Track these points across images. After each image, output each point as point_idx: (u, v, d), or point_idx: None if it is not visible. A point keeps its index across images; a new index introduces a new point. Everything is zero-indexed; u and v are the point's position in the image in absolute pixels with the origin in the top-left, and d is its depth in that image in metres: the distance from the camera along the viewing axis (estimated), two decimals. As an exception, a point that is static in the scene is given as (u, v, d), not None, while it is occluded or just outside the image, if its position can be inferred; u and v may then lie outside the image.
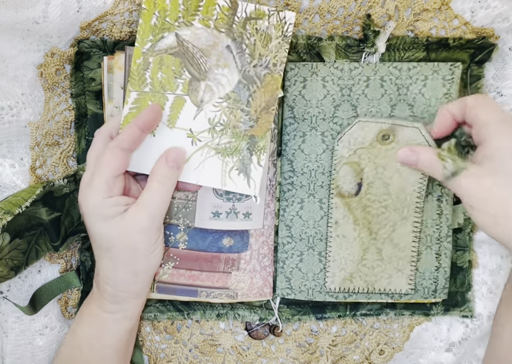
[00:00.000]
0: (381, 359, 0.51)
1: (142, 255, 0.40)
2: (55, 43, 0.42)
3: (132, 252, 0.39)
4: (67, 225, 0.44)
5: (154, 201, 0.39)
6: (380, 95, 0.45)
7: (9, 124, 0.42)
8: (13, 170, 0.43)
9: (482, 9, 0.42)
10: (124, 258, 0.39)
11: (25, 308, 0.43)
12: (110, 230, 0.39)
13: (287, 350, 0.51)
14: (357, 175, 0.45)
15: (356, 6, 0.42)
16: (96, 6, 0.40)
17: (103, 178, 0.38)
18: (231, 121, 0.42)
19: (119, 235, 0.38)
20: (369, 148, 0.45)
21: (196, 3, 0.39)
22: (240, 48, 0.41)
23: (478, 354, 0.50)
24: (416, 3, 0.42)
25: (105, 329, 0.42)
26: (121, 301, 0.41)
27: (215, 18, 0.40)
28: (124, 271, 0.40)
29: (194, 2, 0.39)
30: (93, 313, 0.42)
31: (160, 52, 0.40)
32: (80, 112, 0.46)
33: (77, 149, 0.46)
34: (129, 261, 0.40)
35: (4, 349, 0.45)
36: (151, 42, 0.40)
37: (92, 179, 0.38)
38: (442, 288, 0.47)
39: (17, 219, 0.39)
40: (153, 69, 0.40)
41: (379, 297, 0.48)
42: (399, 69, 0.44)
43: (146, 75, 0.40)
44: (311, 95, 0.45)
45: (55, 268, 0.46)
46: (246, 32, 0.40)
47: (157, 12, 0.39)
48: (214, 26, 0.40)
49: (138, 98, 0.40)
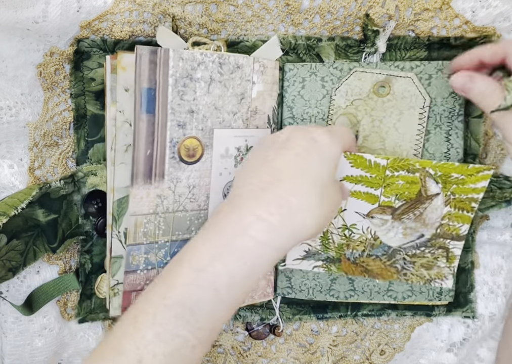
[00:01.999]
0: (382, 359, 0.51)
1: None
2: (55, 43, 0.42)
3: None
4: (65, 227, 0.44)
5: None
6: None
7: (8, 124, 0.42)
8: (12, 171, 0.43)
9: (483, 8, 0.42)
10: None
11: (20, 308, 0.43)
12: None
13: (287, 350, 0.51)
14: (354, 126, 0.45)
15: (356, 6, 0.42)
16: (96, 5, 0.40)
17: None
18: None
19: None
20: (366, 99, 0.44)
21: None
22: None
23: (480, 354, 0.50)
24: (417, 2, 0.42)
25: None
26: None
27: None
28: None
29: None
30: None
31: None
32: (79, 113, 0.45)
33: (76, 151, 0.46)
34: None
35: (3, 349, 0.45)
36: None
37: None
38: (448, 290, 0.47)
39: (13, 220, 0.39)
40: None
41: (381, 297, 0.48)
42: (402, 68, 0.44)
43: None
44: (310, 95, 0.45)
45: (54, 269, 0.46)
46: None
47: None
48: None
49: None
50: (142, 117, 0.39)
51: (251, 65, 0.42)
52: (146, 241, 0.42)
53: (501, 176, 0.45)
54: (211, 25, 0.43)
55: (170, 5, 0.41)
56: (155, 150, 0.40)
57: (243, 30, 0.44)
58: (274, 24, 0.44)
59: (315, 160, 0.35)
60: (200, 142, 0.42)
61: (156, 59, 0.39)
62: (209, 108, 0.41)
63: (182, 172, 0.41)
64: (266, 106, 0.45)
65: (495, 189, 0.45)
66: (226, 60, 0.41)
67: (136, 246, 0.41)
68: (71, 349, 0.49)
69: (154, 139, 0.40)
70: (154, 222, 0.41)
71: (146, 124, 0.39)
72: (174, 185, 0.41)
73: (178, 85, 0.40)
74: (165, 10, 0.41)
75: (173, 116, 0.40)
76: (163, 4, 0.41)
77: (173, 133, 0.40)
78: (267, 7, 0.43)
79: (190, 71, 0.40)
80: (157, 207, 0.41)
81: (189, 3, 0.42)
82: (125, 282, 0.42)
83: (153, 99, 0.39)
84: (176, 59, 0.39)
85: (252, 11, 0.43)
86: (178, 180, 0.41)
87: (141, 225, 0.41)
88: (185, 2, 0.42)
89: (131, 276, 0.42)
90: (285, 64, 0.45)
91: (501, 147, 0.46)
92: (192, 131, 0.41)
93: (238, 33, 0.44)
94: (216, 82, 0.41)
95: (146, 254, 0.42)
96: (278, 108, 0.46)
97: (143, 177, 0.40)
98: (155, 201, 0.41)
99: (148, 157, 0.40)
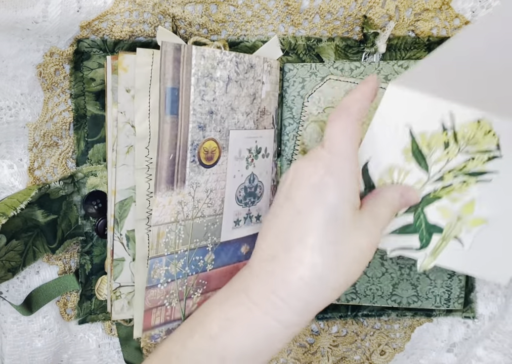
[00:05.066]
0: (382, 360, 0.51)
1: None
2: (55, 43, 0.42)
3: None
4: (64, 227, 0.44)
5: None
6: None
7: (8, 124, 0.42)
8: (12, 171, 0.43)
9: (483, 8, 0.42)
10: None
11: (19, 308, 0.43)
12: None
13: (287, 350, 0.51)
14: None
15: (356, 6, 0.42)
16: (96, 5, 0.40)
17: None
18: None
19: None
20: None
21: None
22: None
23: (480, 354, 0.50)
24: (417, 3, 0.42)
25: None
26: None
27: None
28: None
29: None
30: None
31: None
32: (79, 114, 0.45)
33: (76, 151, 0.46)
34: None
35: (3, 349, 0.45)
36: None
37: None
38: (457, 297, 0.46)
39: (13, 221, 0.39)
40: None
41: (385, 301, 0.47)
42: (406, 67, 0.44)
43: None
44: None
45: (54, 269, 0.46)
46: None
47: None
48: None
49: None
50: (167, 119, 0.37)
51: (261, 65, 0.41)
52: (167, 252, 0.40)
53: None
54: (211, 25, 0.43)
55: (170, 5, 0.41)
56: (177, 154, 0.38)
57: (243, 30, 0.44)
58: (274, 24, 0.44)
59: (320, 215, 0.32)
60: (217, 144, 0.40)
61: (180, 57, 0.37)
62: (226, 109, 0.40)
63: (202, 176, 0.40)
64: (272, 107, 0.44)
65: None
66: (242, 59, 0.40)
67: (158, 258, 0.39)
68: (71, 350, 0.48)
69: (177, 142, 0.38)
70: (175, 231, 0.39)
71: (170, 126, 0.37)
72: (194, 190, 0.40)
73: (200, 85, 0.38)
74: (165, 11, 0.41)
75: (195, 117, 0.38)
76: (163, 4, 0.41)
77: (194, 136, 0.38)
78: (267, 7, 0.43)
79: (210, 70, 0.38)
80: (178, 214, 0.39)
81: (189, 3, 0.42)
82: (146, 299, 0.40)
83: (176, 100, 0.37)
84: (199, 57, 0.37)
85: (252, 11, 0.43)
86: (197, 184, 0.40)
87: (163, 235, 0.39)
88: (185, 2, 0.42)
89: (152, 291, 0.40)
90: (284, 65, 0.45)
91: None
92: (211, 133, 0.39)
93: (238, 33, 0.44)
94: (233, 82, 0.40)
95: (167, 266, 0.40)
96: (278, 108, 0.46)
97: (166, 183, 0.38)
98: (176, 209, 0.39)
99: (171, 161, 0.38)
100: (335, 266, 0.31)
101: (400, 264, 0.46)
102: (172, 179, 0.38)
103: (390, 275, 0.46)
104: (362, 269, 0.33)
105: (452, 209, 0.40)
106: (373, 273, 0.47)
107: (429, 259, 0.41)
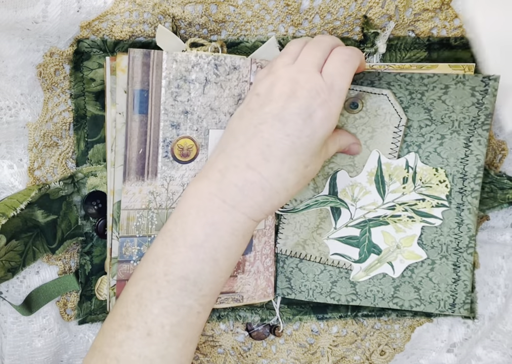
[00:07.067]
0: (382, 360, 0.51)
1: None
2: (55, 43, 0.42)
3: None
4: (64, 228, 0.44)
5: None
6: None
7: (8, 124, 0.42)
8: (12, 171, 0.43)
9: (483, 9, 0.42)
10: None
11: (19, 308, 0.43)
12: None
13: (287, 350, 0.51)
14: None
15: (356, 6, 0.42)
16: (96, 5, 0.40)
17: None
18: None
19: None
20: None
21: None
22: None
23: (480, 354, 0.50)
24: (416, 3, 0.42)
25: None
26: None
27: None
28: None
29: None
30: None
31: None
32: (79, 114, 0.45)
33: (76, 151, 0.46)
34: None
35: (3, 349, 0.45)
36: None
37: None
38: (462, 303, 0.45)
39: (13, 221, 0.39)
40: None
41: (386, 304, 0.46)
42: (410, 77, 0.42)
43: None
44: None
45: (53, 269, 0.46)
46: None
47: None
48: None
49: None
50: (135, 117, 0.40)
51: (248, 66, 0.42)
52: (139, 235, 0.43)
53: (504, 175, 0.45)
54: (211, 25, 0.43)
55: (170, 6, 0.41)
56: (147, 149, 0.41)
57: (243, 30, 0.44)
58: (274, 24, 0.44)
59: (305, 142, 0.35)
60: (194, 142, 0.42)
61: (149, 62, 0.39)
62: (205, 109, 0.41)
63: (176, 170, 0.42)
64: None
65: (495, 190, 0.45)
66: (222, 61, 0.41)
67: (129, 238, 0.42)
68: (71, 350, 0.49)
69: (146, 138, 0.41)
70: (147, 217, 0.42)
71: (139, 124, 0.40)
72: (168, 183, 0.42)
73: (172, 87, 0.40)
74: (165, 11, 0.41)
75: (166, 117, 0.40)
76: (163, 5, 0.41)
77: (166, 133, 0.41)
78: (267, 7, 0.43)
79: (184, 73, 0.40)
80: (149, 203, 0.42)
81: (189, 4, 0.42)
82: (119, 271, 0.43)
83: (145, 100, 0.40)
84: (170, 61, 0.39)
85: (252, 11, 0.43)
86: (171, 178, 0.42)
87: (134, 219, 0.42)
88: (185, 2, 0.42)
89: (125, 266, 0.43)
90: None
91: (501, 147, 0.46)
92: (186, 131, 0.41)
93: (238, 33, 0.44)
94: (212, 83, 0.41)
95: (139, 246, 0.43)
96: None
97: (136, 174, 0.41)
98: (147, 198, 0.42)
99: (140, 155, 0.41)
100: (298, 181, 0.37)
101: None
102: (142, 171, 0.41)
103: (391, 276, 0.46)
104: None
105: (394, 236, 0.45)
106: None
107: (362, 273, 0.46)
